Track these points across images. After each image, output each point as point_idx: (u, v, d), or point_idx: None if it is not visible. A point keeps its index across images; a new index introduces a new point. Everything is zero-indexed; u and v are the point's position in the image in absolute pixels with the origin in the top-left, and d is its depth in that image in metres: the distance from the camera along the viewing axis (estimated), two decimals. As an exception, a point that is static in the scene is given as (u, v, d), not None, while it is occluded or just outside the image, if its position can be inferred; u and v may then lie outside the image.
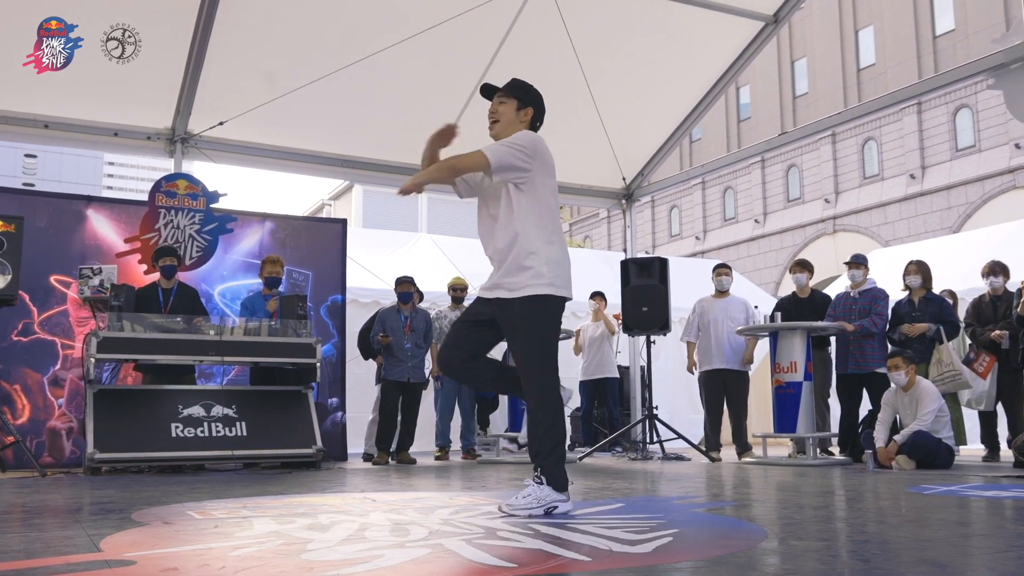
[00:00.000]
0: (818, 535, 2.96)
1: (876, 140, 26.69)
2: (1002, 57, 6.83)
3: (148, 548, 2.71)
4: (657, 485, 5.30)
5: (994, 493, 4.44)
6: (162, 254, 7.34)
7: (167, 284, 7.29)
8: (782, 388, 7.50)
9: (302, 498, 4.43)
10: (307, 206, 30.65)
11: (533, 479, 3.54)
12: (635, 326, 8.38)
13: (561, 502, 3.52)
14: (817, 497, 4.43)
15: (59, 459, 7.23)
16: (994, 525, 3.34)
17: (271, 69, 7.98)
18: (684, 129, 9.99)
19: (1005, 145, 22.98)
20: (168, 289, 7.28)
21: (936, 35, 25.77)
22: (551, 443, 3.56)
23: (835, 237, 27.46)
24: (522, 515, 3.40)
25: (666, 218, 35.59)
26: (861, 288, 7.77)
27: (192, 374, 7.43)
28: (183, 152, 8.33)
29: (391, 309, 8.38)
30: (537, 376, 3.59)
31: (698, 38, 8.89)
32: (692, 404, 9.96)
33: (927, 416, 6.51)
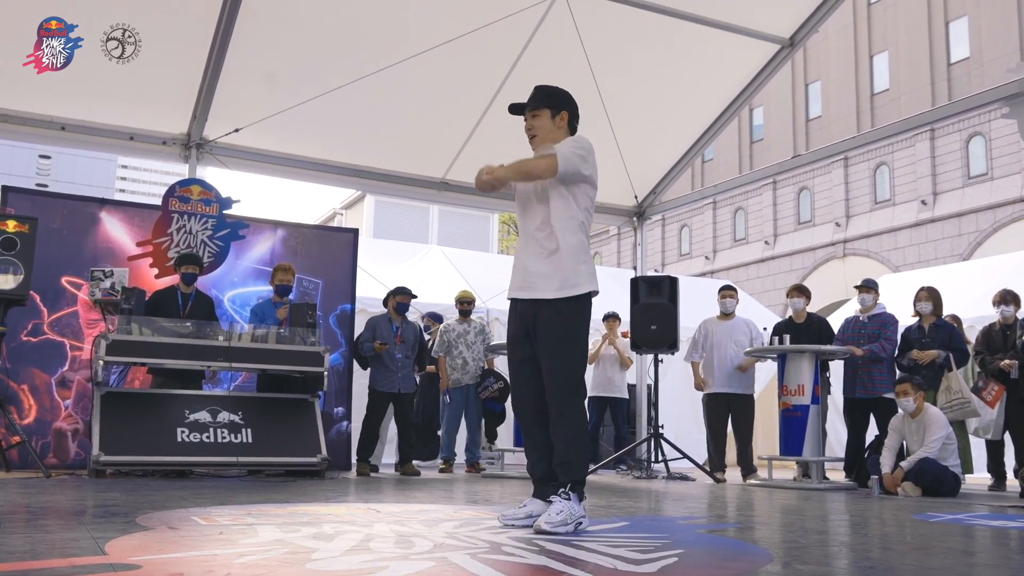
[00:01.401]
0: (822, 560, 2.95)
1: (888, 165, 26.66)
2: (1017, 86, 6.83)
3: (153, 552, 2.72)
4: (661, 504, 5.28)
5: (1000, 523, 4.42)
6: (185, 261, 7.41)
7: (186, 290, 7.34)
8: (789, 411, 7.48)
9: (307, 507, 4.43)
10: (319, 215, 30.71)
11: (560, 494, 3.50)
12: (643, 344, 8.37)
13: (584, 517, 3.53)
14: (822, 521, 4.42)
15: (64, 460, 7.24)
16: (999, 555, 3.33)
17: (288, 78, 8.02)
18: (697, 149, 10.00)
19: (1018, 174, 22.93)
20: (187, 294, 7.34)
21: (951, 62, 25.78)
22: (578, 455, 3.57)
23: (845, 261, 27.40)
24: (561, 532, 3.35)
25: (676, 237, 35.57)
26: (871, 313, 7.76)
27: (200, 380, 7.45)
28: (198, 158, 8.37)
29: (382, 318, 8.35)
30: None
31: (714, 59, 8.91)
32: (697, 424, 9.91)
33: (934, 443, 6.48)
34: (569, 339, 3.66)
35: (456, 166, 9.41)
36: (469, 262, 12.34)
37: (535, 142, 3.81)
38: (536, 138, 3.80)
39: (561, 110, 3.81)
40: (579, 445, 3.60)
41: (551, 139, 3.77)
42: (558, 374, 3.63)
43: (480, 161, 3.80)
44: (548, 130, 3.78)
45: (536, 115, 3.80)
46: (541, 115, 3.79)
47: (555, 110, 3.80)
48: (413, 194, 10.21)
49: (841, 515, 4.83)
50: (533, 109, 3.81)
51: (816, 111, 30.25)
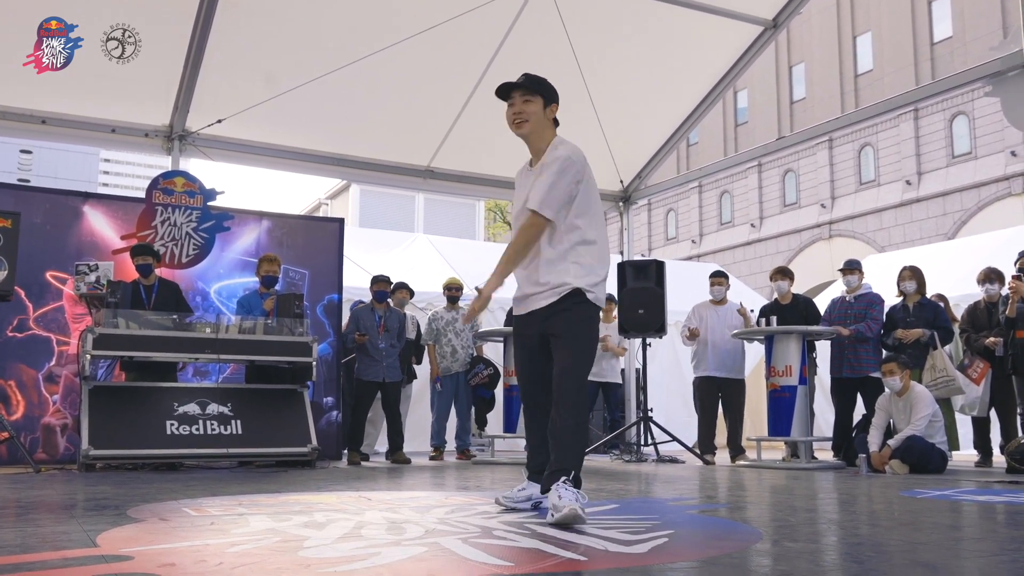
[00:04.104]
0: (812, 537, 2.97)
1: (873, 146, 26.75)
2: (999, 65, 6.85)
3: (145, 544, 2.72)
4: (652, 487, 5.31)
5: (986, 498, 4.46)
6: (137, 252, 7.29)
7: (147, 281, 7.26)
8: (777, 392, 7.53)
9: (298, 496, 4.43)
10: (304, 205, 30.59)
11: (562, 482, 3.35)
12: (631, 328, 8.38)
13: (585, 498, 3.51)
14: (811, 500, 4.45)
15: (53, 455, 7.22)
16: (986, 529, 3.36)
17: (270, 68, 7.98)
18: (682, 133, 10.01)
19: (1001, 152, 23.04)
20: (149, 286, 7.24)
21: (934, 42, 25.85)
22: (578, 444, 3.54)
23: (831, 242, 27.51)
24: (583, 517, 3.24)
25: (663, 221, 35.63)
26: (856, 293, 7.81)
27: (175, 372, 7.42)
28: (181, 149, 8.32)
29: (365, 308, 8.34)
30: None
31: (697, 42, 8.90)
32: (686, 407, 9.96)
33: (921, 421, 6.53)
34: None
35: (441, 154, 9.38)
36: (456, 250, 12.33)
37: (524, 128, 3.70)
38: (527, 124, 3.69)
39: (552, 102, 3.75)
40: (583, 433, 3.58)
41: (540, 129, 3.71)
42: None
43: (465, 148, 3.80)
44: (539, 119, 3.70)
45: (529, 100, 3.69)
46: (535, 101, 3.70)
47: (547, 100, 3.73)
48: (398, 182, 10.20)
49: (830, 493, 4.87)
50: (527, 93, 3.70)
51: (800, 93, 30.30)
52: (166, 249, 7.75)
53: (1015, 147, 22.47)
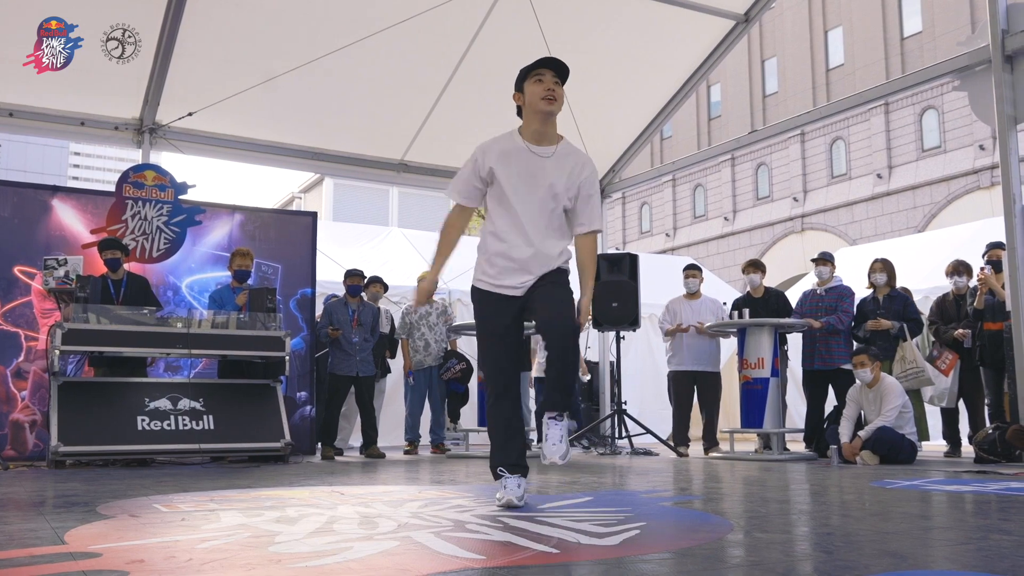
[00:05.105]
0: (782, 528, 3.00)
1: (844, 140, 26.97)
2: (967, 59, 6.92)
3: (114, 540, 2.69)
4: (625, 479, 5.33)
5: (955, 487, 4.51)
6: (105, 247, 7.22)
7: (116, 276, 7.19)
8: (749, 384, 7.57)
9: (270, 491, 4.41)
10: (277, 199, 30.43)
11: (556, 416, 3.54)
12: (605, 321, 8.40)
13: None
14: (782, 491, 4.48)
15: (22, 452, 7.13)
16: (955, 518, 3.40)
17: (242, 61, 7.92)
18: (655, 126, 10.04)
19: (970, 146, 23.29)
20: (118, 280, 7.17)
21: (904, 37, 26.08)
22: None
23: (803, 235, 27.72)
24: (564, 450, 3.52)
25: (636, 215, 35.74)
26: (828, 285, 7.87)
27: (144, 368, 7.36)
28: (151, 143, 8.25)
29: (338, 302, 8.32)
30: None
31: (669, 36, 8.93)
32: (660, 400, 10.00)
33: (891, 412, 6.61)
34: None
35: (414, 147, 9.35)
36: (430, 244, 12.21)
37: (555, 106, 3.76)
38: (557, 103, 3.77)
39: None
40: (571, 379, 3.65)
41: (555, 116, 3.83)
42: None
43: (439, 141, 3.81)
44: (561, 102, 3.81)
45: (559, 84, 3.79)
46: (560, 88, 3.80)
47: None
48: (371, 176, 10.16)
49: (801, 484, 4.91)
50: (559, 76, 3.79)
51: (772, 87, 30.48)
52: (137, 243, 7.68)
53: (983, 141, 22.73)
